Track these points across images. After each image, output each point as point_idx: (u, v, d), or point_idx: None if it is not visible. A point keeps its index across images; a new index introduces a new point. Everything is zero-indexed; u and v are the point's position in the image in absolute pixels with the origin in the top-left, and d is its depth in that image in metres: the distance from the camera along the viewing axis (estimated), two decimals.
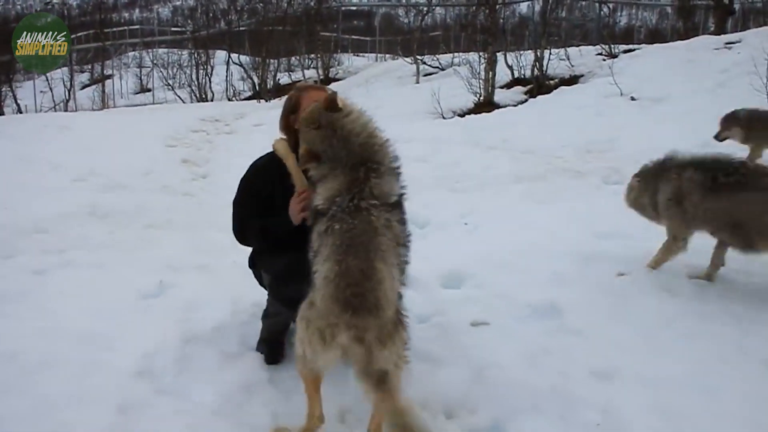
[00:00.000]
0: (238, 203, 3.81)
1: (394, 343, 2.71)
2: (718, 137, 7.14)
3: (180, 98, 23.89)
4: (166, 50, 28.99)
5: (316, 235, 2.91)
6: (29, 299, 4.52)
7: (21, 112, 20.19)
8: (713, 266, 4.38)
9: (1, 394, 3.29)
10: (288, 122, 3.68)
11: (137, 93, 28.01)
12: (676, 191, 4.35)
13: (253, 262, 3.88)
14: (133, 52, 31.17)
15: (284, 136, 3.69)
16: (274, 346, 3.78)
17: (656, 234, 4.60)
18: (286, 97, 3.85)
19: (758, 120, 7.32)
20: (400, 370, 2.73)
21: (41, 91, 23.40)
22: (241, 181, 3.84)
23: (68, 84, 22.91)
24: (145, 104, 22.83)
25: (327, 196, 2.93)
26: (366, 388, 2.62)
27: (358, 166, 2.94)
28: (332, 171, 2.98)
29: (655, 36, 24.80)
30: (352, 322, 2.64)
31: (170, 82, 25.54)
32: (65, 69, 24.82)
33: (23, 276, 4.97)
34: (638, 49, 15.24)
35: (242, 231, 3.78)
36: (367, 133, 3.05)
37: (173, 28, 36.40)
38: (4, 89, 20.67)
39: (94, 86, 26.27)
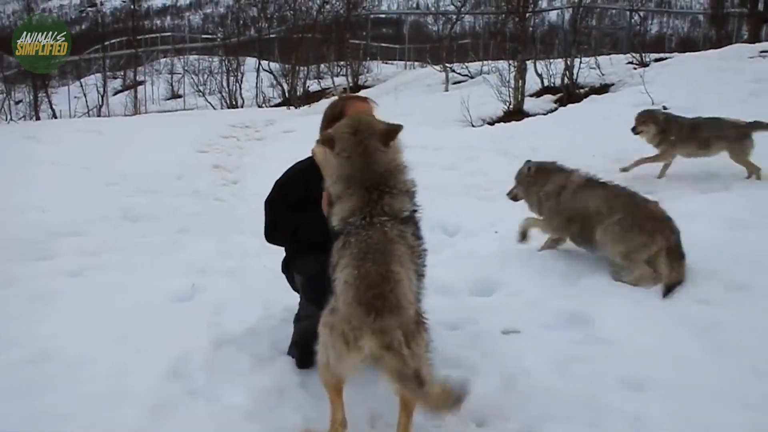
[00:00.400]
0: (270, 202, 3.85)
1: (417, 344, 2.74)
2: (634, 130, 7.43)
3: (210, 104, 24.13)
4: (197, 57, 29.32)
5: (334, 250, 3.00)
6: (64, 300, 4.61)
7: (56, 117, 20.53)
8: None
9: (36, 393, 3.35)
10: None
11: (168, 99, 28.37)
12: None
13: (287, 266, 3.91)
14: (164, 59, 31.58)
15: None
16: (305, 350, 3.79)
17: (689, 245, 4.56)
18: (330, 103, 3.90)
19: (675, 125, 7.38)
20: (427, 368, 2.75)
21: (75, 97, 23.85)
22: (277, 181, 3.89)
23: (101, 90, 23.33)
24: (176, 110, 23.10)
25: (342, 216, 3.03)
26: (407, 392, 2.69)
27: (372, 188, 3.03)
28: (347, 190, 3.07)
29: (687, 44, 24.58)
30: (376, 326, 2.67)
31: (201, 88, 25.80)
32: (99, 75, 25.27)
33: (59, 277, 5.06)
34: (670, 57, 15.10)
35: (272, 230, 3.82)
36: (394, 163, 3.15)
37: (204, 36, 36.85)
38: (40, 95, 21.01)
39: (126, 92, 26.67)
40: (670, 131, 7.34)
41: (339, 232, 3.01)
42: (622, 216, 4.70)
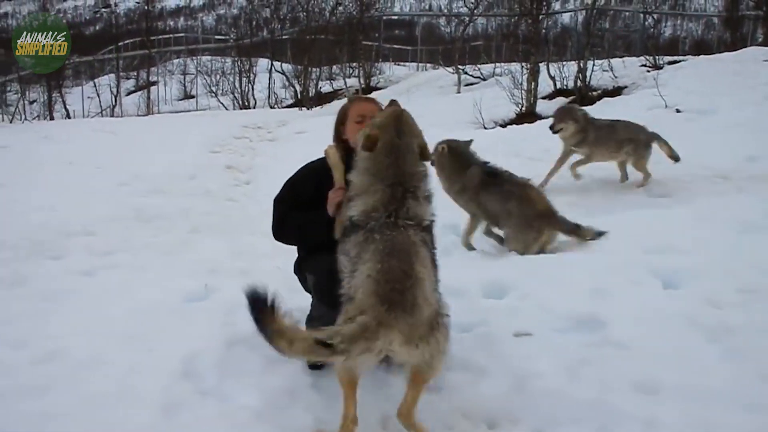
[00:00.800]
0: (279, 201, 3.86)
1: (427, 344, 2.78)
2: (552, 128, 7.35)
3: (223, 105, 24.19)
4: (209, 58, 29.40)
5: (352, 244, 3.04)
6: (76, 299, 4.64)
7: (69, 118, 20.62)
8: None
9: (47, 391, 3.38)
10: (338, 132, 3.80)
11: (181, 99, 28.46)
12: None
13: (299, 267, 3.91)
14: (177, 60, 31.69)
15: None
16: None
17: (705, 248, 4.53)
18: (341, 106, 3.95)
19: (592, 126, 7.42)
20: (432, 371, 2.82)
21: (89, 97, 23.96)
22: (288, 180, 3.91)
23: (115, 90, 23.43)
24: (189, 110, 23.19)
25: (363, 209, 3.08)
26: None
27: (397, 185, 3.09)
28: (372, 186, 3.12)
29: (701, 47, 24.34)
30: (391, 321, 2.71)
31: (213, 89, 25.86)
32: (112, 75, 25.39)
33: (71, 276, 5.09)
34: (683, 60, 15.02)
35: (280, 228, 3.83)
36: (422, 167, 3.27)
37: (217, 37, 36.95)
38: (54, 95, 21.13)
39: (139, 92, 26.75)
40: (588, 131, 7.33)
41: (358, 224, 3.05)
42: (516, 220, 5.56)
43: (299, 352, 2.76)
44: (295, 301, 4.14)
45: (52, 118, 19.67)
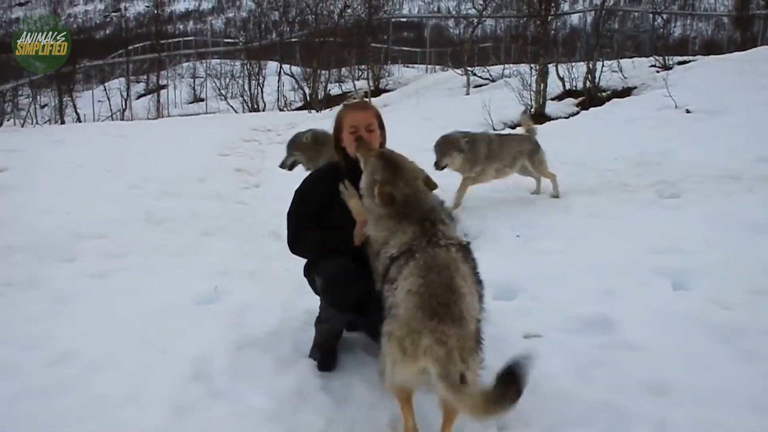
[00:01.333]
0: (290, 214, 3.86)
1: (474, 360, 2.76)
2: (437, 165, 6.88)
3: (232, 108, 24.27)
4: (219, 61, 29.54)
5: (395, 271, 3.05)
6: (88, 301, 4.67)
7: (80, 121, 20.74)
8: None
9: (59, 393, 3.40)
10: (336, 140, 3.85)
11: (191, 103, 28.62)
12: None
13: (308, 270, 3.93)
14: (187, 63, 31.88)
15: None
16: (326, 352, 3.82)
17: (715, 249, 4.52)
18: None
19: (481, 145, 7.17)
20: (473, 375, 2.75)
21: (99, 101, 24.09)
22: (296, 192, 3.91)
23: (125, 94, 23.52)
24: (199, 114, 23.28)
25: (401, 244, 3.13)
26: (444, 390, 2.64)
27: (423, 220, 3.18)
28: (399, 226, 3.20)
29: (711, 47, 24.28)
30: (437, 328, 2.70)
31: (223, 92, 25.95)
32: (122, 79, 25.52)
33: (83, 279, 5.12)
34: (693, 60, 14.98)
35: (296, 242, 3.82)
36: (436, 199, 3.39)
37: (226, 40, 37.16)
38: (64, 99, 21.25)
39: (149, 96, 26.91)
40: (477, 151, 7.08)
41: (397, 256, 3.09)
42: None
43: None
44: (306, 303, 4.19)
45: (63, 122, 19.77)
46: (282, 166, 7.19)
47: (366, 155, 3.49)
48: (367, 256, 3.41)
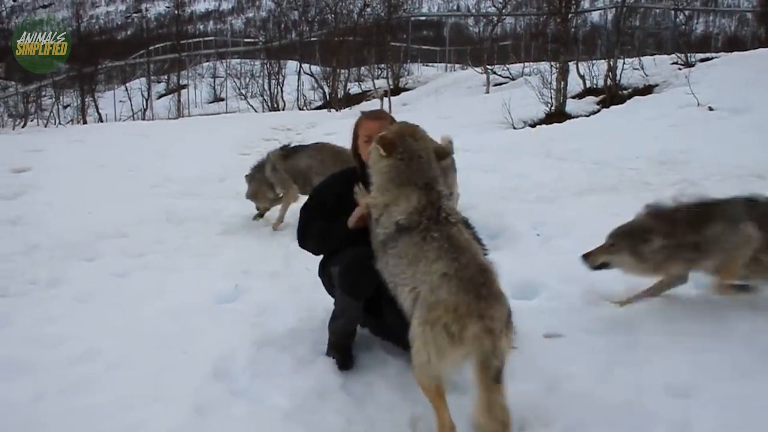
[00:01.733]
0: (303, 208, 3.97)
1: (509, 334, 2.85)
2: (259, 214, 7.17)
3: (252, 107, 24.34)
4: (239, 61, 29.62)
5: (406, 245, 3.07)
6: (110, 300, 4.71)
7: (102, 121, 20.94)
8: None
9: (80, 391, 3.43)
10: (354, 147, 3.94)
11: (211, 102, 28.74)
12: None
13: (322, 269, 3.94)
14: (207, 63, 32.03)
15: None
16: (343, 351, 3.82)
17: None
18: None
19: (280, 164, 7.13)
20: (504, 365, 2.79)
21: (120, 101, 24.32)
22: (313, 189, 4.06)
23: (146, 94, 23.69)
24: (219, 113, 23.38)
25: (409, 211, 3.12)
26: (480, 380, 2.71)
27: (429, 187, 3.20)
28: (404, 190, 3.19)
29: (734, 43, 24.04)
30: (486, 311, 2.75)
31: (243, 91, 26.01)
32: (143, 79, 25.71)
33: (105, 278, 5.17)
34: (716, 57, 14.79)
35: (302, 235, 3.91)
36: (441, 167, 3.42)
37: (246, 39, 37.25)
38: (87, 99, 21.46)
39: (170, 96, 27.08)
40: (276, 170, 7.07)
41: (408, 226, 3.09)
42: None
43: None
44: (325, 302, 4.18)
45: (85, 122, 19.98)
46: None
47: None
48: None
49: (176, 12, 27.91)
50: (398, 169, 3.23)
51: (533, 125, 12.41)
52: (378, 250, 3.27)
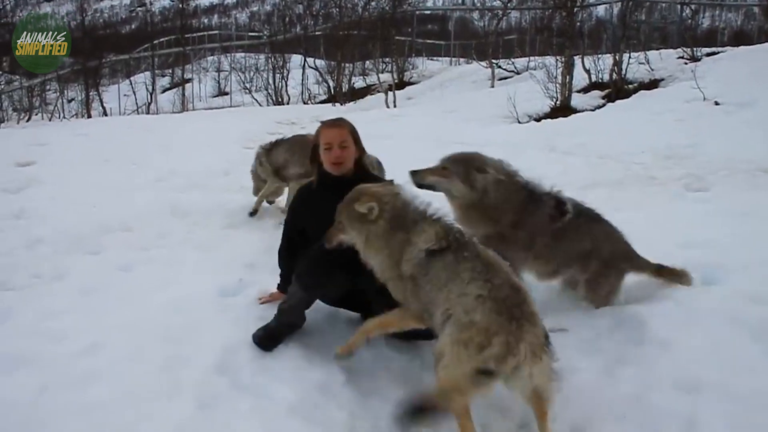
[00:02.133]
0: (284, 227, 4.35)
1: (547, 356, 2.86)
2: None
3: (257, 101, 24.35)
4: (243, 54, 29.63)
5: (440, 269, 3.11)
6: (114, 294, 4.70)
7: (106, 115, 20.98)
8: None
9: (86, 384, 3.44)
10: (313, 155, 4.12)
11: (215, 96, 28.75)
12: None
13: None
14: (211, 57, 32.04)
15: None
16: (271, 335, 3.88)
17: (745, 243, 4.44)
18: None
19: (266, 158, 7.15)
20: (551, 383, 2.87)
21: (125, 95, 24.37)
22: (288, 209, 4.47)
23: (150, 88, 23.73)
24: (223, 107, 23.36)
25: (437, 237, 3.19)
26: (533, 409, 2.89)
27: (433, 219, 3.32)
28: (418, 227, 3.27)
29: (741, 38, 23.85)
30: (516, 333, 2.79)
31: (247, 85, 26.03)
32: (147, 73, 25.76)
33: (109, 271, 5.16)
34: (722, 51, 14.74)
35: (279, 259, 4.37)
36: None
37: (250, 33, 37.25)
38: (91, 93, 21.48)
39: (174, 90, 27.12)
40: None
41: (440, 250, 3.15)
42: None
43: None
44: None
45: (89, 116, 19.99)
46: None
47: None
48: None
49: (180, 6, 27.97)
50: (395, 220, 3.31)
51: (538, 119, 12.38)
52: (393, 279, 3.32)
